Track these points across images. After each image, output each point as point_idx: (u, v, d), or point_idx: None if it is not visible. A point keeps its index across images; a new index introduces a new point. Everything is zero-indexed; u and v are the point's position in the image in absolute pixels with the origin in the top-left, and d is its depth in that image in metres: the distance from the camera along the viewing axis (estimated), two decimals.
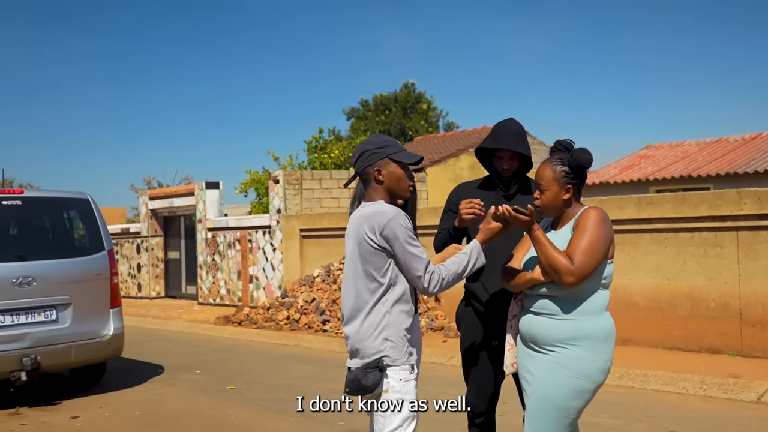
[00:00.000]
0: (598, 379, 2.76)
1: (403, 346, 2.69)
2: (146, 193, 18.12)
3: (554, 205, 2.86)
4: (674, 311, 7.88)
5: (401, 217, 2.67)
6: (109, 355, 7.03)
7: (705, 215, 7.59)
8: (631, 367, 6.93)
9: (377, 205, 2.74)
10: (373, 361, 2.64)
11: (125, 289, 18.36)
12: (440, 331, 9.98)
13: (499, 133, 3.36)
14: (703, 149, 18.76)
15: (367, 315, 2.68)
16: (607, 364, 2.79)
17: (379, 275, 2.67)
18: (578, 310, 2.76)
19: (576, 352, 2.74)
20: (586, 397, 2.77)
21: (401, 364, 2.68)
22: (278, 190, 13.90)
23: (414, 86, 36.96)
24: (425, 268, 2.65)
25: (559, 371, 2.75)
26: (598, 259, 2.71)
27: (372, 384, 2.62)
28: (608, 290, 2.86)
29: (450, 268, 2.70)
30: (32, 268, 6.46)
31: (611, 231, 2.80)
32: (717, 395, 6.08)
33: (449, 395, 5.98)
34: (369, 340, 2.66)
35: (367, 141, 2.83)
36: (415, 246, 2.66)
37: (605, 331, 2.80)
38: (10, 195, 6.72)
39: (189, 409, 6.28)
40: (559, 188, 2.83)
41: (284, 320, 11.40)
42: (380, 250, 2.65)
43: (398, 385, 2.66)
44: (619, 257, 8.26)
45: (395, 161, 2.77)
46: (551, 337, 2.78)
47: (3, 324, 6.24)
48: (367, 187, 2.81)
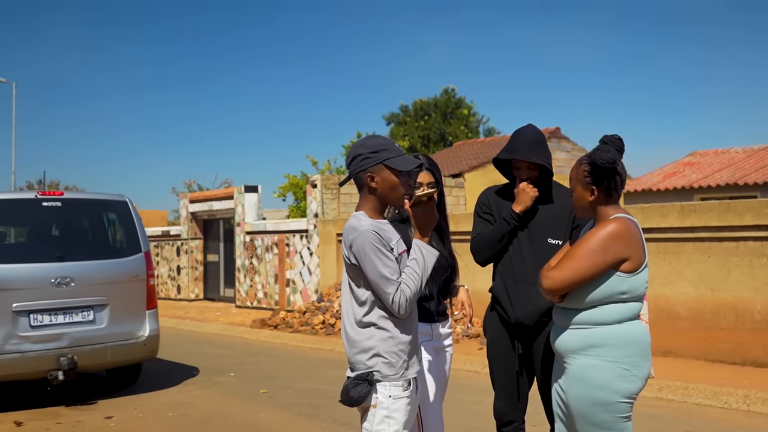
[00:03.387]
0: (620, 388, 2.60)
1: (398, 361, 2.53)
2: (186, 196, 18.33)
3: (581, 205, 2.74)
4: (718, 323, 7.66)
5: (371, 233, 2.46)
6: (145, 356, 7.09)
7: (751, 224, 7.37)
8: (671, 380, 6.75)
9: (355, 218, 2.57)
10: (363, 374, 2.52)
11: (165, 291, 18.60)
12: (476, 339, 9.86)
13: (515, 142, 3.29)
14: (750, 156, 18.30)
15: (356, 330, 2.56)
16: (629, 371, 2.61)
17: (364, 288, 2.54)
18: (591, 320, 2.64)
19: (587, 361, 2.64)
20: (614, 408, 2.61)
21: (393, 380, 2.53)
22: (316, 194, 13.93)
23: (454, 92, 36.81)
24: (395, 289, 2.46)
25: (578, 385, 2.66)
26: (580, 270, 2.59)
27: (358, 396, 2.51)
28: (636, 302, 2.67)
29: (409, 283, 2.48)
30: (71, 269, 6.54)
31: (625, 247, 2.61)
32: (761, 410, 5.87)
33: (483, 404, 5.92)
34: (359, 356, 2.54)
35: (361, 143, 2.61)
36: (386, 265, 2.46)
37: (623, 338, 2.63)
38: (51, 197, 6.83)
39: (221, 411, 6.29)
40: (582, 189, 2.71)
41: (320, 324, 11.40)
42: (356, 266, 2.52)
43: (386, 402, 2.52)
44: (661, 266, 8.08)
45: (390, 168, 2.56)
46: (565, 347, 2.69)
47: (41, 324, 6.34)
48: (360, 191, 2.64)
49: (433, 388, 3.17)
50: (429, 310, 3.18)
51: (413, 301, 2.52)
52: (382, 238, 2.50)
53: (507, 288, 3.25)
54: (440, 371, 3.25)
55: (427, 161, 3.19)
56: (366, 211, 2.60)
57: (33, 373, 6.33)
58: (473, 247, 3.37)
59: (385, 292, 2.47)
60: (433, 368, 3.16)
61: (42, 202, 6.74)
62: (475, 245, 3.35)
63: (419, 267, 2.53)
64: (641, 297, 2.69)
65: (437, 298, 3.25)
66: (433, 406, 3.16)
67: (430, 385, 3.15)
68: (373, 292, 2.52)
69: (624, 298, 2.64)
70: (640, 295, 2.67)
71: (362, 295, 2.54)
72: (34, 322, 6.30)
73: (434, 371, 3.18)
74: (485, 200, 3.44)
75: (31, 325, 6.29)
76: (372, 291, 2.52)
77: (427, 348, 3.14)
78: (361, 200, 2.64)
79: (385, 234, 2.53)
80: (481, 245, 3.32)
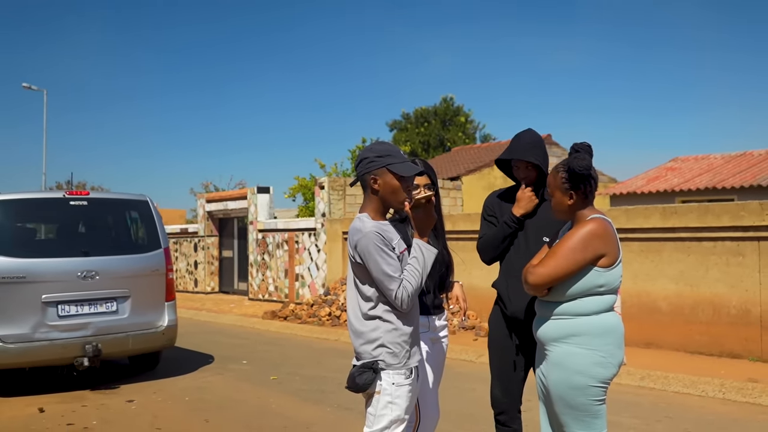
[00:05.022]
0: (596, 373, 2.66)
1: (401, 351, 2.56)
2: (204, 196, 18.35)
3: (561, 209, 2.80)
4: (696, 317, 7.65)
5: (374, 234, 2.49)
6: (163, 344, 7.11)
7: (728, 225, 7.37)
8: (653, 370, 6.74)
9: (359, 220, 2.59)
10: (369, 363, 2.55)
11: (183, 285, 18.61)
12: (471, 330, 9.87)
13: (514, 144, 3.33)
14: (728, 162, 18.26)
15: (362, 322, 2.58)
16: (605, 358, 2.67)
17: (368, 285, 2.55)
18: (570, 311, 2.70)
19: (567, 348, 2.69)
20: (590, 392, 2.66)
21: (397, 369, 2.56)
22: (323, 195, 13.94)
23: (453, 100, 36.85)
24: (397, 285, 2.48)
25: (558, 370, 2.71)
26: (562, 267, 2.63)
27: (364, 383, 2.53)
28: (611, 295, 2.73)
29: (411, 280, 2.51)
30: (95, 263, 6.57)
31: (602, 244, 2.66)
32: (736, 399, 5.87)
33: (477, 391, 5.93)
34: (365, 346, 2.56)
35: (369, 148, 2.64)
36: (389, 264, 2.48)
37: (600, 327, 2.69)
38: (78, 196, 6.85)
39: (234, 396, 6.30)
40: (561, 194, 2.76)
41: (326, 316, 11.41)
42: (361, 264, 2.54)
43: (390, 389, 2.54)
44: (644, 264, 8.08)
45: (393, 173, 2.57)
46: (548, 336, 2.74)
47: (68, 314, 6.36)
48: (364, 193, 2.66)
49: (430, 376, 3.18)
50: (426, 304, 3.19)
51: (415, 295, 2.54)
52: (385, 238, 2.52)
53: (506, 284, 3.27)
54: (437, 360, 3.26)
55: (423, 165, 3.21)
56: (369, 212, 2.61)
57: (60, 359, 6.36)
58: (479, 248, 3.40)
59: (389, 288, 2.49)
60: (429, 358, 3.18)
61: (69, 201, 6.76)
62: (481, 246, 3.39)
63: (420, 264, 2.55)
64: (616, 290, 2.75)
65: (434, 293, 3.26)
66: (431, 392, 3.18)
67: (428, 374, 3.16)
68: (378, 288, 2.53)
69: (601, 291, 2.69)
70: (615, 288, 2.73)
71: (367, 291, 2.56)
72: (62, 312, 6.33)
73: (431, 360, 3.19)
74: (490, 204, 3.47)
75: (59, 315, 6.31)
76: (376, 287, 2.53)
77: (425, 339, 3.15)
78: (365, 201, 2.66)
79: (387, 234, 2.55)
80: (486, 246, 3.36)
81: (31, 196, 6.79)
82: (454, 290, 3.38)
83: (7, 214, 6.48)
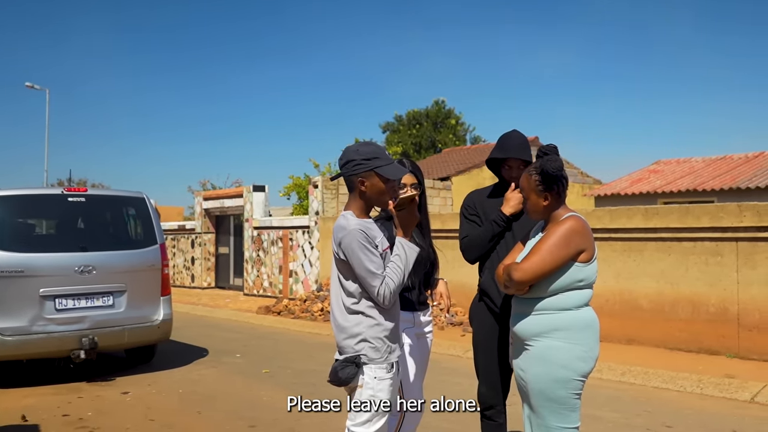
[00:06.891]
0: (578, 367, 2.65)
1: (383, 346, 2.54)
2: (201, 194, 18.27)
3: (536, 210, 2.79)
4: (676, 314, 7.67)
5: (357, 232, 2.47)
6: (159, 338, 7.06)
7: (707, 226, 7.38)
8: (633, 365, 6.75)
9: (344, 217, 2.57)
10: (351, 357, 2.53)
11: (180, 280, 18.54)
12: (459, 326, 9.86)
13: (506, 143, 3.27)
14: (708, 165, 18.32)
15: (345, 317, 2.56)
16: (587, 353, 2.67)
17: (352, 281, 2.53)
18: (552, 306, 2.68)
19: (550, 343, 2.67)
20: (571, 385, 2.65)
21: (378, 363, 2.53)
22: (317, 194, 13.90)
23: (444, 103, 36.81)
24: (380, 282, 2.47)
25: (540, 364, 2.68)
26: (548, 263, 2.62)
27: (346, 377, 2.52)
28: (589, 289, 2.73)
29: (393, 277, 2.49)
30: (93, 258, 6.52)
31: (582, 240, 2.67)
32: (713, 394, 5.89)
33: (463, 385, 5.92)
34: (348, 341, 2.54)
35: (355, 150, 2.56)
36: (371, 261, 2.46)
37: (582, 322, 2.68)
38: (76, 193, 6.80)
39: (226, 389, 6.27)
40: (536, 196, 2.75)
41: (318, 312, 11.38)
42: (345, 261, 2.52)
43: (372, 383, 2.53)
44: (626, 263, 8.09)
45: (379, 175, 2.54)
46: (529, 331, 2.71)
47: (66, 307, 6.31)
48: (350, 192, 2.63)
49: (414, 369, 3.16)
50: (411, 300, 3.17)
51: (396, 292, 2.52)
52: (368, 236, 2.50)
53: (495, 282, 3.22)
54: (421, 355, 3.24)
55: (410, 165, 3.19)
56: (353, 210, 2.59)
57: (57, 351, 6.31)
58: (463, 247, 3.31)
59: (371, 284, 2.47)
60: (414, 352, 3.16)
61: (68, 197, 6.71)
62: (466, 245, 3.29)
63: (402, 262, 2.53)
64: (593, 284, 2.75)
65: (419, 289, 3.24)
66: (414, 385, 3.16)
67: (412, 367, 3.14)
68: (360, 285, 2.51)
69: (581, 285, 2.69)
70: (592, 282, 2.74)
71: (350, 287, 2.54)
72: (59, 306, 6.28)
73: (416, 354, 3.17)
74: (471, 203, 3.39)
75: (57, 309, 6.26)
76: (359, 283, 2.51)
77: (410, 334, 3.13)
78: (350, 200, 2.63)
79: (371, 232, 2.53)
80: (471, 245, 3.27)
81: (30, 192, 6.73)
82: (438, 287, 3.35)
83: (7, 209, 6.42)
